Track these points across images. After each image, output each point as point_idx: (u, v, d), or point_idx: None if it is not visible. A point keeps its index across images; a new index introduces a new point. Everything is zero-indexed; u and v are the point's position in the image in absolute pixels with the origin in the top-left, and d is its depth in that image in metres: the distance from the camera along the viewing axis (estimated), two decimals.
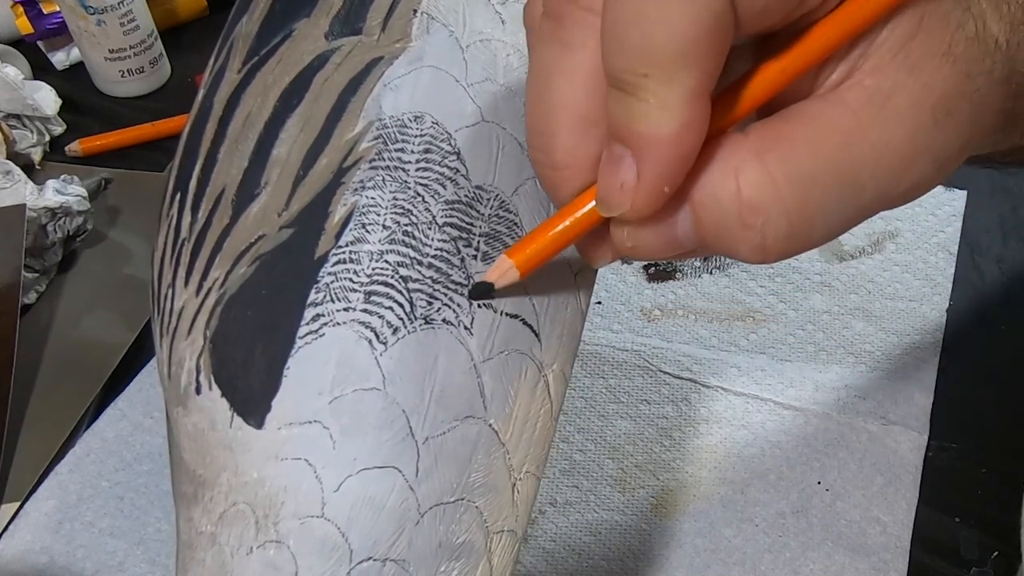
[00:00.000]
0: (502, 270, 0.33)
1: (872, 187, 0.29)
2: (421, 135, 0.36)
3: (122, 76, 0.94)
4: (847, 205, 0.29)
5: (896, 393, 0.65)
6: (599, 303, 0.72)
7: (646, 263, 0.74)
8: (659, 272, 0.74)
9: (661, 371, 0.68)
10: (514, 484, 0.35)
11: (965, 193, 0.77)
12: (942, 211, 0.76)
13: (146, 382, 0.69)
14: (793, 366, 0.67)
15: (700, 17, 0.26)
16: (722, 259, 0.74)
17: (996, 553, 0.58)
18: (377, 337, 0.33)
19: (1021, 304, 0.70)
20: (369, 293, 0.34)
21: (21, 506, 0.63)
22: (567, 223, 0.32)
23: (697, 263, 0.74)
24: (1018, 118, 0.32)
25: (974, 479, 0.61)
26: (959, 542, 0.58)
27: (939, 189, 0.78)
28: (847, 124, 0.29)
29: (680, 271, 0.74)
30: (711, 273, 0.74)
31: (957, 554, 0.58)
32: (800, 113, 0.29)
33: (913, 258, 0.73)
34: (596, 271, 0.39)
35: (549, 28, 0.30)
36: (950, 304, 0.70)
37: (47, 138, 0.89)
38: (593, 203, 0.31)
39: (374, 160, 0.35)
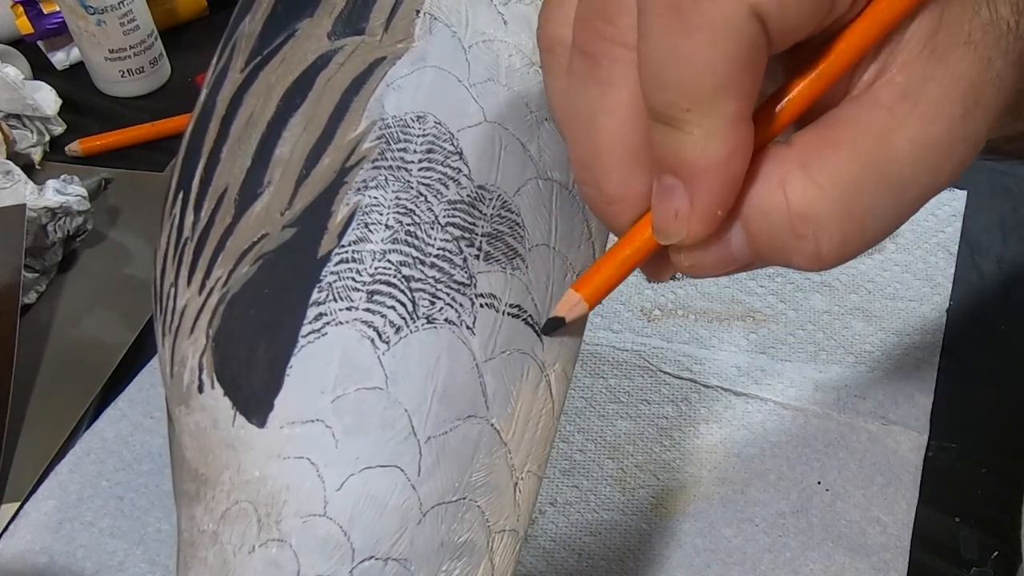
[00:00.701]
0: (571, 304, 0.34)
1: (915, 183, 0.29)
2: (424, 135, 0.36)
3: (122, 76, 0.94)
4: (893, 203, 0.30)
5: (896, 393, 0.65)
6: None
7: None
8: None
9: (661, 371, 0.68)
10: (516, 483, 0.35)
11: (965, 193, 0.77)
12: (942, 211, 0.76)
13: (146, 382, 0.69)
14: (793, 366, 0.67)
15: (733, 47, 0.27)
16: None
17: (996, 553, 0.58)
18: (380, 336, 0.33)
19: (1021, 304, 0.70)
20: (372, 292, 0.34)
21: (21, 506, 0.63)
22: (628, 252, 0.32)
23: None
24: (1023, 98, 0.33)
25: (974, 479, 0.61)
26: (959, 542, 0.58)
27: None
28: (884, 123, 0.29)
29: None
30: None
31: (957, 554, 0.58)
32: (838, 118, 0.29)
33: (913, 258, 0.73)
34: None
35: (585, 67, 0.30)
36: (950, 304, 0.70)
37: (47, 138, 0.89)
38: (649, 233, 0.31)
39: (377, 160, 0.35)
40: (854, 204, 0.29)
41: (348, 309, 0.34)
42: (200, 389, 0.35)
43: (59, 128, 0.90)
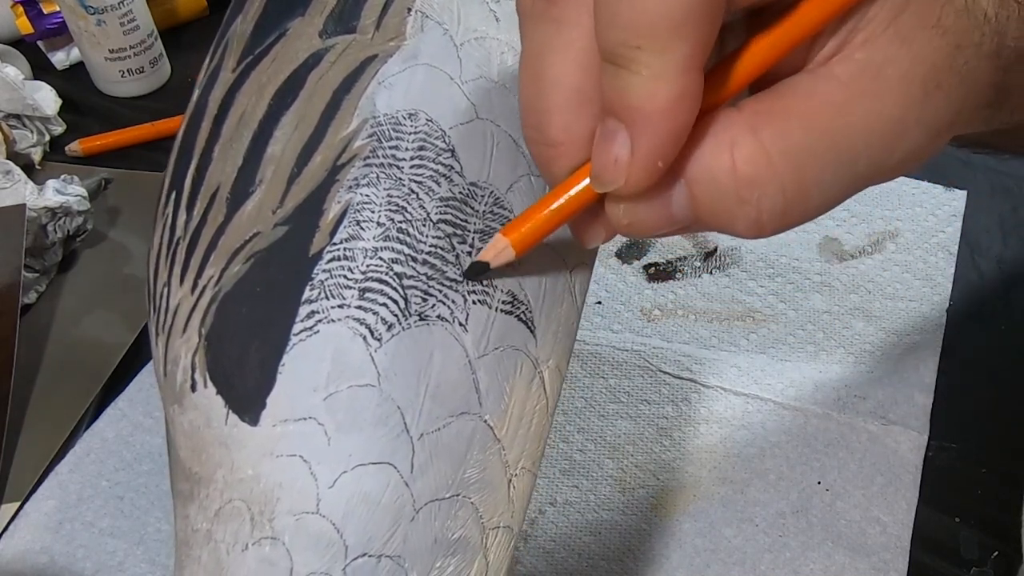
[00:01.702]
0: (497, 249, 0.33)
1: (866, 158, 0.29)
2: (415, 132, 0.36)
3: (122, 76, 0.95)
4: (842, 177, 0.29)
5: (896, 393, 0.65)
6: (599, 303, 0.72)
7: (647, 263, 0.74)
8: (659, 272, 0.74)
9: (661, 371, 0.68)
10: (510, 480, 0.35)
11: (965, 193, 0.77)
12: (942, 211, 0.76)
13: (146, 382, 0.70)
14: (793, 366, 0.67)
15: None
16: (722, 259, 0.74)
17: (996, 553, 0.58)
18: (372, 334, 0.33)
19: (1021, 304, 0.70)
20: (364, 290, 0.34)
21: (21, 506, 0.63)
22: (562, 201, 0.32)
23: (697, 263, 0.74)
24: (1008, 93, 0.32)
25: (974, 479, 0.61)
26: (959, 542, 0.58)
27: (939, 189, 0.78)
28: (839, 97, 0.29)
29: (680, 271, 0.74)
30: (711, 273, 0.74)
31: (957, 554, 0.58)
32: (792, 87, 0.29)
33: (913, 258, 0.73)
34: (591, 267, 0.39)
35: (542, 6, 0.30)
36: (950, 304, 0.70)
37: (47, 138, 0.89)
38: (586, 181, 0.31)
39: (368, 157, 0.35)
40: (801, 173, 0.29)
41: (340, 307, 0.33)
42: (193, 388, 0.35)
43: (59, 128, 0.90)
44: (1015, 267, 0.72)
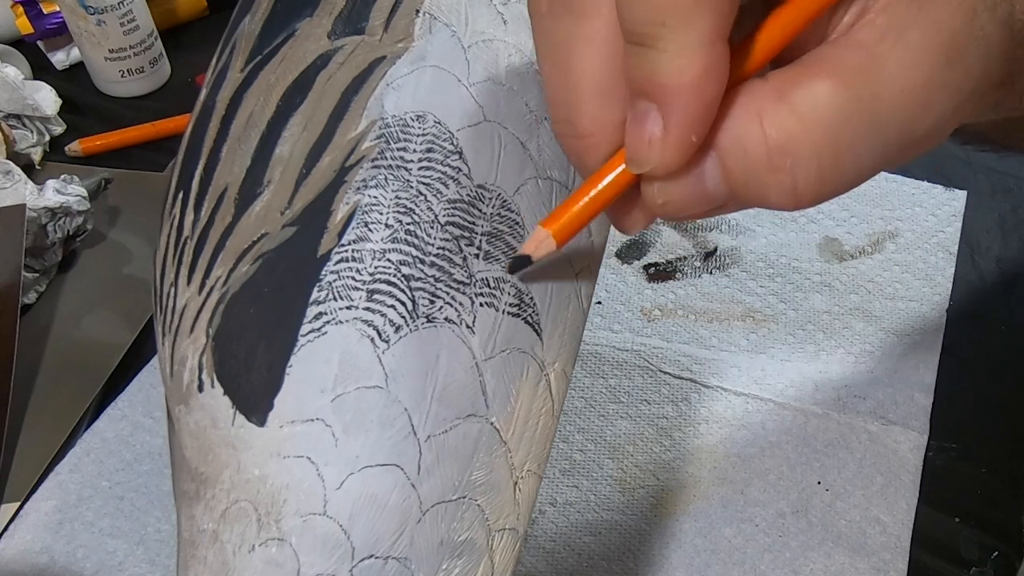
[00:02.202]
0: (538, 240, 0.33)
1: (895, 124, 0.29)
2: (423, 134, 0.36)
3: (122, 76, 0.94)
4: (874, 144, 0.29)
5: (896, 393, 0.65)
6: (599, 303, 0.72)
7: (647, 263, 0.74)
8: (659, 272, 0.74)
9: (661, 371, 0.68)
10: (516, 482, 0.35)
11: (965, 193, 0.77)
12: (942, 211, 0.76)
13: (146, 382, 0.69)
14: (793, 366, 0.67)
15: None
16: (722, 259, 0.74)
17: (996, 553, 0.58)
18: (379, 335, 0.33)
19: (1021, 304, 0.70)
20: (371, 291, 0.34)
21: (21, 506, 0.63)
22: (598, 189, 0.32)
23: (697, 263, 0.74)
24: (1018, 74, 0.32)
25: (974, 479, 0.61)
26: (959, 542, 0.58)
27: (939, 189, 0.78)
28: (863, 63, 0.29)
29: (680, 271, 0.74)
30: (711, 273, 0.74)
31: (957, 554, 0.58)
32: (817, 56, 0.29)
33: (913, 258, 0.73)
34: (597, 270, 0.39)
35: (560, 1, 0.31)
36: (950, 304, 0.70)
37: (47, 138, 0.89)
38: (621, 167, 0.31)
39: (376, 159, 0.35)
40: (834, 137, 0.28)
41: (348, 308, 0.33)
42: (200, 388, 0.35)
43: (59, 128, 0.90)
44: (1015, 267, 0.72)
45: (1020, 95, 0.34)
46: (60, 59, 0.99)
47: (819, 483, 0.61)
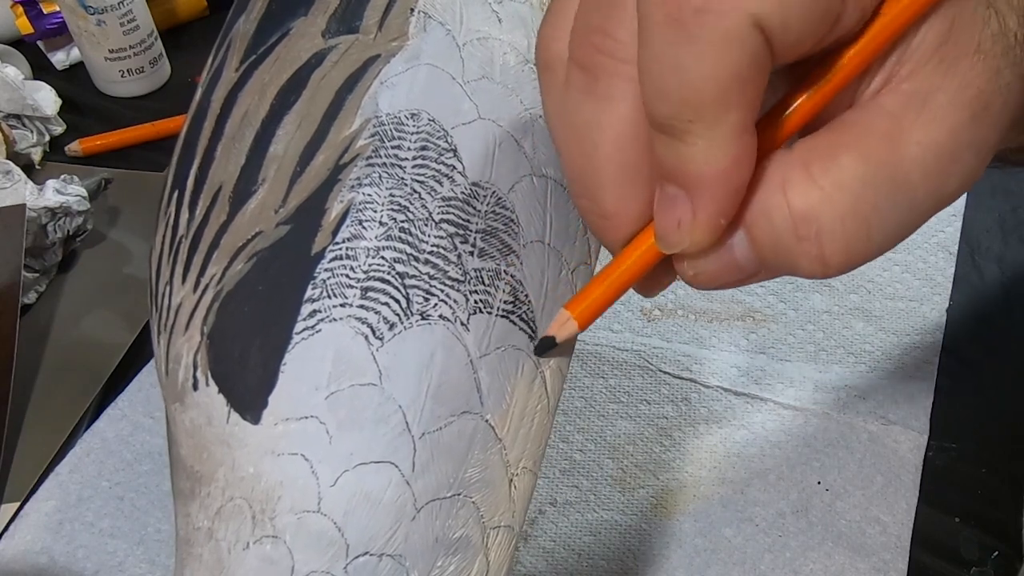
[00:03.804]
0: (561, 322, 0.34)
1: (923, 186, 0.29)
2: (418, 132, 0.36)
3: (122, 76, 0.95)
4: (901, 206, 0.29)
5: (896, 393, 0.65)
6: None
7: None
8: None
9: (661, 371, 0.68)
10: (511, 479, 0.35)
11: (965, 193, 0.77)
12: (942, 211, 0.76)
13: (146, 382, 0.70)
14: (793, 366, 0.67)
15: (735, 59, 0.26)
16: None
17: (996, 553, 0.57)
18: (373, 333, 0.33)
19: (1021, 304, 0.70)
20: (365, 289, 0.34)
21: (21, 506, 0.63)
22: (622, 270, 0.32)
23: None
24: None
25: (974, 479, 0.61)
26: (959, 542, 0.58)
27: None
28: (889, 129, 0.29)
29: None
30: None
31: (957, 554, 0.58)
32: (842, 123, 0.29)
33: (913, 258, 0.73)
34: (593, 267, 0.39)
35: (583, 82, 0.30)
36: (950, 304, 0.70)
37: (47, 138, 0.89)
38: (647, 245, 0.31)
39: (371, 157, 0.35)
40: (857, 204, 0.28)
41: (342, 306, 0.33)
42: (195, 386, 0.35)
43: (59, 128, 0.90)
44: (1015, 267, 0.72)
45: None
46: (60, 59, 1.00)
47: (819, 483, 0.61)
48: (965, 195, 0.77)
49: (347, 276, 0.34)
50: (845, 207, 0.28)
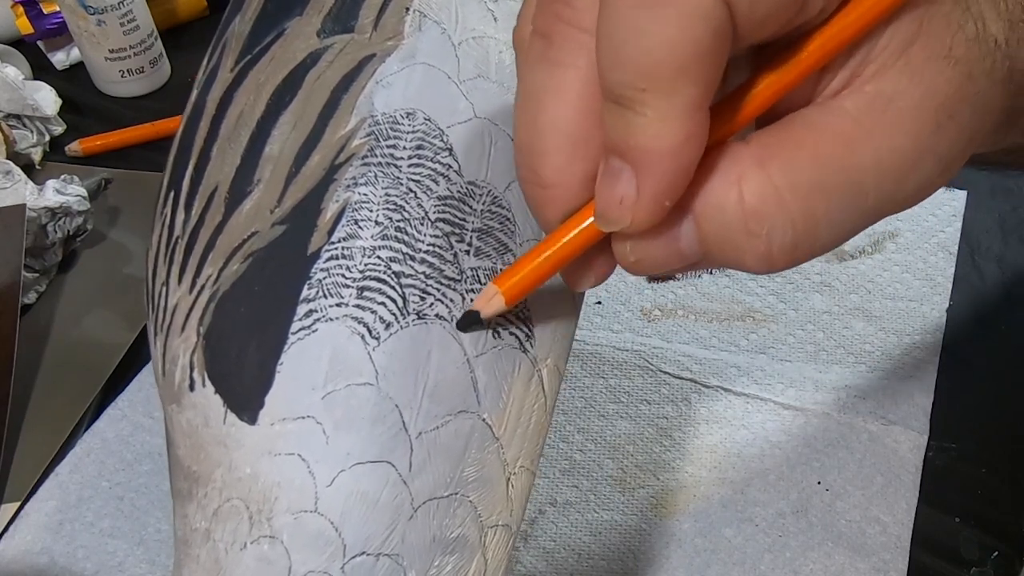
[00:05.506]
0: (488, 298, 0.33)
1: (875, 192, 0.29)
2: (413, 131, 0.36)
3: (122, 76, 0.95)
4: (851, 211, 0.29)
5: (896, 393, 0.65)
6: (599, 303, 0.72)
7: None
8: None
9: (661, 371, 0.68)
10: (508, 478, 0.35)
11: (965, 193, 0.77)
12: (942, 211, 0.76)
13: (146, 382, 0.70)
14: (793, 366, 0.67)
15: (699, 31, 0.26)
16: None
17: (996, 553, 0.57)
18: (370, 332, 0.33)
19: (1021, 304, 0.70)
20: (362, 289, 0.34)
21: (21, 506, 0.63)
22: (559, 245, 0.31)
23: None
24: (1018, 115, 0.32)
25: (974, 479, 0.61)
26: (959, 542, 0.58)
27: (939, 189, 0.78)
28: (848, 131, 0.28)
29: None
30: (711, 273, 0.73)
31: (957, 554, 0.58)
32: (801, 120, 0.29)
33: (913, 258, 0.73)
34: None
35: (539, 47, 0.30)
36: (950, 304, 0.70)
37: (47, 138, 0.89)
38: (586, 223, 0.30)
39: (366, 157, 0.35)
40: (810, 207, 0.28)
41: (338, 305, 0.33)
42: (191, 387, 0.35)
43: (59, 128, 0.90)
44: (1015, 267, 0.72)
45: (1021, 132, 0.33)
46: (60, 59, 1.00)
47: (819, 483, 0.61)
48: (965, 195, 0.77)
49: (343, 276, 0.34)
50: (798, 209, 0.28)
